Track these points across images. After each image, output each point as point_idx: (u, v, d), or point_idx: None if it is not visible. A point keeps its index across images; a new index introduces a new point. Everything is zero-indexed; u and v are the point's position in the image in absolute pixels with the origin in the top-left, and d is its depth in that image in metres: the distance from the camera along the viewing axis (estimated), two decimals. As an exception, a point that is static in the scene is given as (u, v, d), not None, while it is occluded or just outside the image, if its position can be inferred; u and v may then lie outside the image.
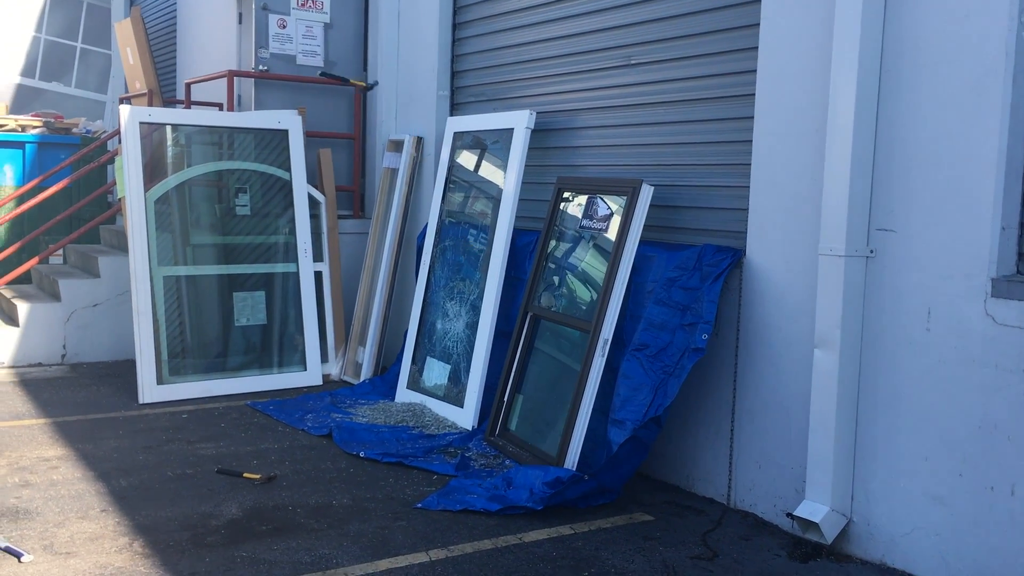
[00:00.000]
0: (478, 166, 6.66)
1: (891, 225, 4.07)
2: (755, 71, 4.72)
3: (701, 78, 5.15)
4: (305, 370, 7.26)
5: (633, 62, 5.61)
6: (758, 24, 4.69)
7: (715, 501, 4.92)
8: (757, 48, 4.70)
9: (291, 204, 7.38)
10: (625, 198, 5.16)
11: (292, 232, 7.36)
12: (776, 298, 4.60)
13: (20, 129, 9.65)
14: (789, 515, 4.35)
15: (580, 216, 5.55)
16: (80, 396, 6.71)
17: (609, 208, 5.32)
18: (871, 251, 4.14)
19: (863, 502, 4.19)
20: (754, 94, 4.72)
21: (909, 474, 4.01)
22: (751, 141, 4.74)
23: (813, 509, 4.23)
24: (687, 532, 4.48)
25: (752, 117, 4.74)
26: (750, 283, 4.73)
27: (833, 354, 4.15)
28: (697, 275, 4.83)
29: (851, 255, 4.10)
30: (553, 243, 5.72)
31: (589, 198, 5.50)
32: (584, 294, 5.35)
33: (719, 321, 4.83)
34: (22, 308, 7.68)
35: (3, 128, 9.55)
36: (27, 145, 9.54)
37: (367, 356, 7.35)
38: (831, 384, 4.17)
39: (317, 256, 7.53)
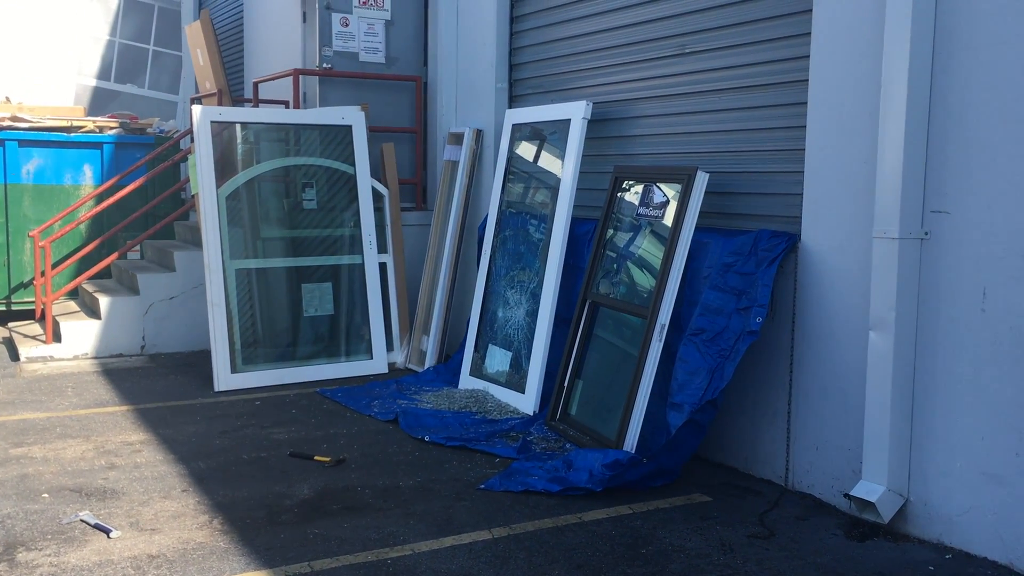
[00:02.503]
0: (536, 157, 6.79)
1: (945, 207, 4.09)
2: (808, 57, 4.76)
3: (754, 65, 5.19)
4: (371, 358, 7.49)
5: (687, 51, 5.67)
6: (811, 10, 4.72)
7: (772, 482, 4.98)
8: (810, 34, 4.73)
9: (356, 198, 7.60)
10: (681, 185, 5.24)
11: (357, 225, 7.59)
12: (831, 281, 4.64)
13: (98, 130, 10.07)
14: (846, 495, 4.40)
15: (637, 204, 5.64)
16: (159, 385, 7.03)
17: (665, 195, 5.40)
18: (925, 233, 4.16)
19: (920, 482, 4.22)
20: (807, 80, 4.76)
21: (965, 454, 4.04)
22: (805, 127, 4.78)
23: (869, 489, 4.27)
24: (744, 512, 4.56)
25: (805, 103, 4.78)
26: (805, 267, 4.77)
27: (888, 336, 4.19)
28: (753, 260, 4.89)
29: (905, 237, 4.13)
30: (611, 231, 5.82)
31: (645, 186, 5.59)
32: (642, 281, 5.45)
33: (775, 305, 4.89)
34: (103, 302, 8.05)
35: (82, 130, 9.97)
36: (105, 145, 9.95)
37: (431, 344, 7.54)
38: (886, 365, 4.21)
39: (381, 248, 7.74)
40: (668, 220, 5.30)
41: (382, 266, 7.72)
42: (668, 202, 5.36)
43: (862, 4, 4.42)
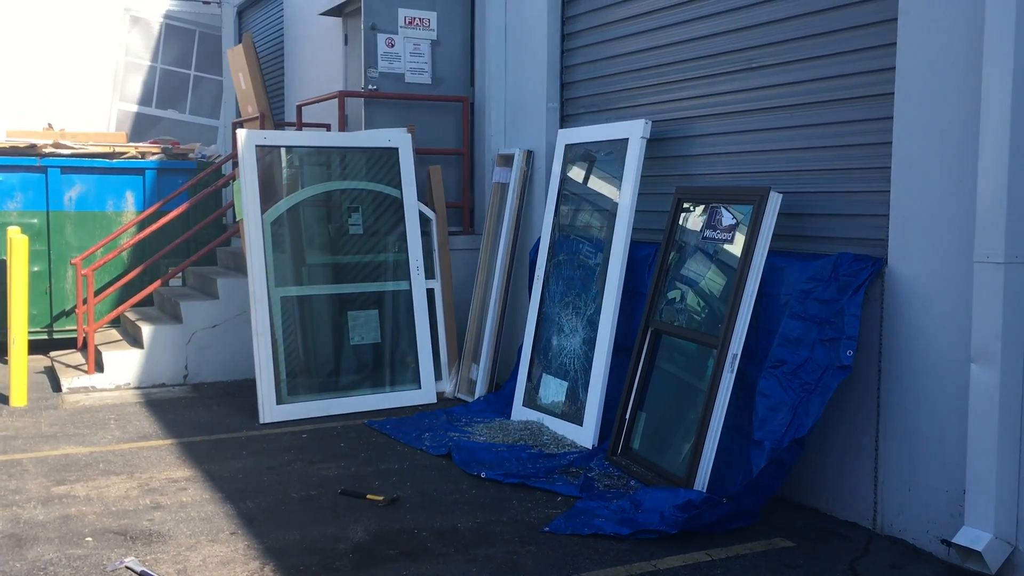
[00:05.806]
0: (591, 178, 6.52)
1: (1056, 228, 3.75)
2: (893, 69, 4.45)
3: (831, 79, 4.89)
4: (419, 388, 7.23)
5: (755, 65, 5.38)
6: (895, 19, 4.42)
7: (859, 526, 4.63)
8: (895, 44, 4.43)
9: (402, 221, 7.37)
10: (750, 207, 4.95)
11: (403, 250, 7.35)
12: (924, 309, 4.30)
13: (140, 156, 9.95)
14: (946, 542, 4.05)
15: (701, 227, 5.35)
16: (203, 416, 6.81)
17: (733, 217, 5.11)
18: (1033, 257, 3.83)
19: (1031, 529, 3.87)
20: (893, 93, 4.45)
21: (1084, 499, 3.68)
22: (890, 143, 4.47)
23: (974, 536, 3.92)
24: (832, 559, 4.22)
25: (890, 118, 4.47)
26: (893, 294, 4.44)
27: (993, 369, 3.85)
28: (834, 286, 4.57)
29: (1012, 262, 3.80)
30: (673, 255, 5.53)
31: (712, 208, 5.30)
32: (709, 308, 5.14)
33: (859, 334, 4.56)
34: (146, 330, 7.88)
35: (124, 156, 9.86)
36: (147, 172, 9.83)
37: (481, 373, 7.27)
38: (991, 401, 3.87)
39: (429, 273, 7.50)
40: (737, 243, 5.00)
41: (429, 292, 7.48)
42: (737, 224, 5.06)
43: (955, 9, 4.12)
